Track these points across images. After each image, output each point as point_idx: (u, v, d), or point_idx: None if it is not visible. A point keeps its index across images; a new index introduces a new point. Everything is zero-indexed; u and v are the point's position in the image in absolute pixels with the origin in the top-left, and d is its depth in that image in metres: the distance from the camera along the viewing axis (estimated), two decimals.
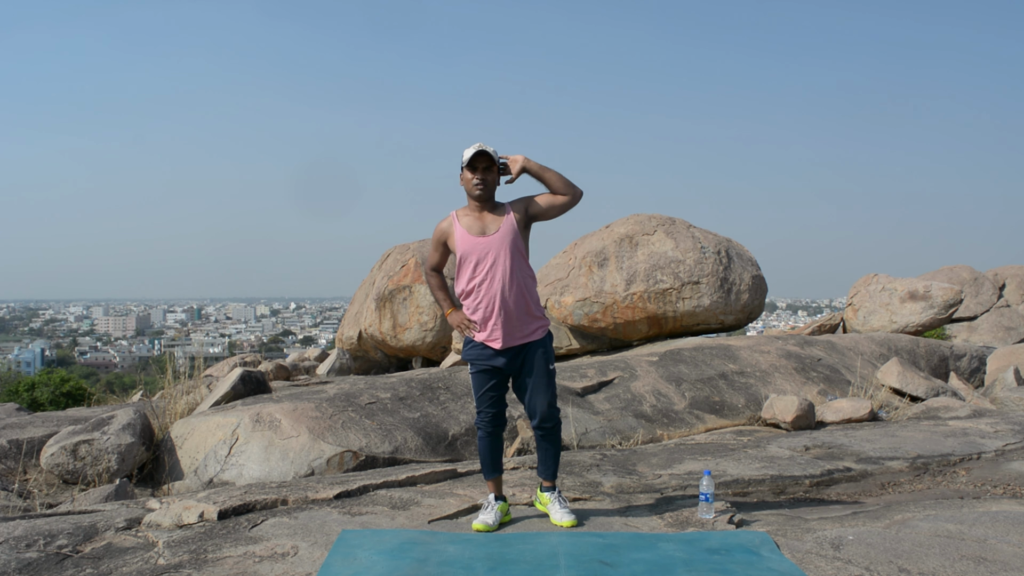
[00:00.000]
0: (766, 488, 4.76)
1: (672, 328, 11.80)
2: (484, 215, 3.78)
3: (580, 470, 4.99)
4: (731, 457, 5.43)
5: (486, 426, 3.83)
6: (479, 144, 3.70)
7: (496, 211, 3.80)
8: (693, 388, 7.85)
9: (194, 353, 10.29)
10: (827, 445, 5.86)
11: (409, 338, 13.83)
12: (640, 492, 4.55)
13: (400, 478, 4.56)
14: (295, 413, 5.88)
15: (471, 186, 3.73)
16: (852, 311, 14.88)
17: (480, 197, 3.74)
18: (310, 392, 6.85)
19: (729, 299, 11.67)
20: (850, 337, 10.75)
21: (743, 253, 12.44)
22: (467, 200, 3.82)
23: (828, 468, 5.14)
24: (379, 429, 5.93)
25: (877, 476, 5.06)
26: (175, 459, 5.82)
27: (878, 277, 15.08)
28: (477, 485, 4.52)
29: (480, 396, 3.83)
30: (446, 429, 6.24)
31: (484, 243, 3.73)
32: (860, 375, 8.86)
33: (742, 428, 7.22)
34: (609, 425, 6.88)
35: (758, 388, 8.04)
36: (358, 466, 5.51)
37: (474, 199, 3.77)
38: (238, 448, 5.60)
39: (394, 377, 7.70)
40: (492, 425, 3.83)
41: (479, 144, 3.70)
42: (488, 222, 3.77)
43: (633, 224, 12.28)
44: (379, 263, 15.74)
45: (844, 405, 7.39)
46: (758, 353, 8.91)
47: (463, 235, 3.76)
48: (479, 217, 3.78)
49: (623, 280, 11.58)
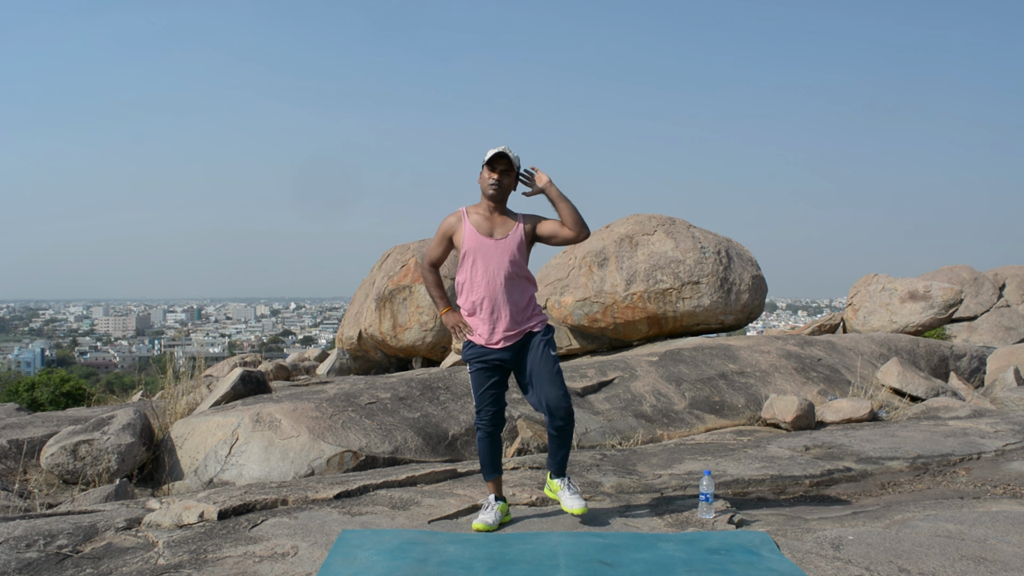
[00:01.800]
0: (766, 488, 4.76)
1: (672, 328, 11.80)
2: (494, 217, 3.83)
3: (580, 470, 4.99)
4: (731, 457, 5.43)
5: (485, 425, 3.83)
6: (503, 147, 3.76)
7: (507, 217, 3.86)
8: (693, 388, 7.85)
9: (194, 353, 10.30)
10: (827, 445, 5.86)
11: (409, 338, 13.83)
12: (640, 492, 4.55)
13: (400, 478, 4.56)
14: (295, 413, 5.88)
15: (486, 184, 3.79)
16: (852, 311, 14.88)
17: (493, 197, 3.80)
18: (310, 392, 6.84)
19: (729, 299, 11.67)
20: (850, 337, 10.75)
21: (743, 253, 12.44)
22: (480, 199, 3.86)
23: (828, 468, 5.14)
24: (379, 429, 5.93)
25: (877, 476, 5.06)
26: (175, 459, 5.82)
27: (878, 277, 15.08)
28: (477, 485, 4.52)
29: (480, 394, 3.83)
30: (446, 429, 6.24)
31: (490, 245, 3.78)
32: (860, 375, 8.86)
33: (742, 428, 7.22)
34: (609, 425, 6.88)
35: (758, 388, 8.04)
36: (358, 466, 5.51)
37: (487, 198, 3.82)
38: (238, 448, 5.60)
39: (394, 377, 7.70)
40: (492, 424, 3.82)
41: (503, 147, 3.76)
42: (497, 225, 3.82)
43: (633, 224, 12.29)
44: (379, 263, 15.75)
45: (844, 405, 7.39)
46: (758, 353, 8.90)
47: (471, 232, 3.80)
48: (489, 218, 3.83)
49: (623, 280, 11.58)
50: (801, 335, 11.44)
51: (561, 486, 3.86)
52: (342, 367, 13.08)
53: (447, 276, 12.07)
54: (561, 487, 3.86)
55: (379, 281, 14.52)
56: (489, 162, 3.77)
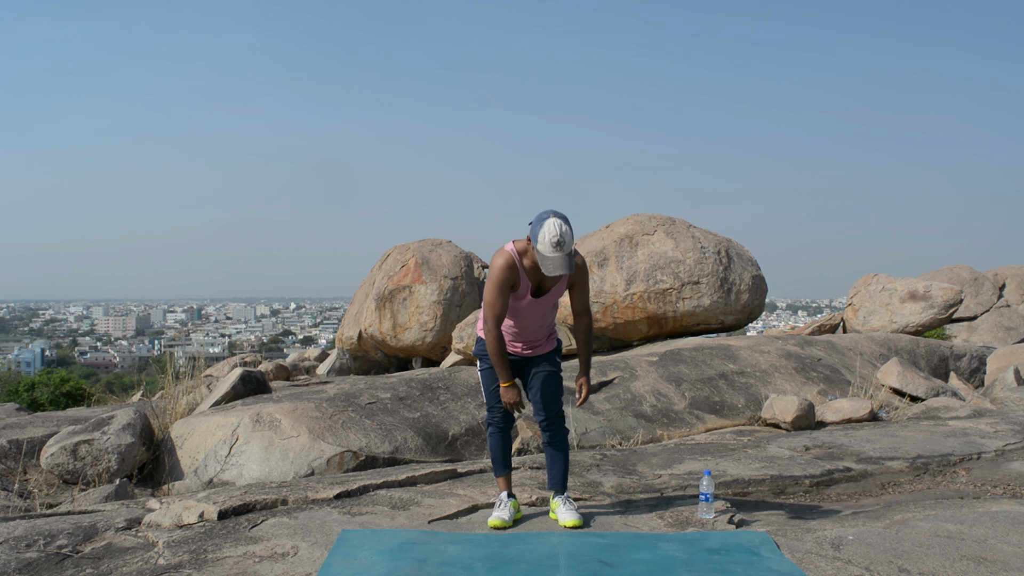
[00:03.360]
0: (766, 488, 4.76)
1: (672, 328, 11.80)
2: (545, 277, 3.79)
3: (580, 470, 4.99)
4: (731, 457, 5.43)
5: (498, 421, 3.94)
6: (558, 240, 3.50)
7: None
8: (693, 388, 7.85)
9: (194, 353, 10.30)
10: (827, 445, 5.86)
11: (409, 338, 13.83)
12: (640, 492, 4.55)
13: (400, 478, 4.56)
14: (295, 413, 5.88)
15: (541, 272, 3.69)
16: (852, 311, 14.88)
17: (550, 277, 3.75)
18: (310, 392, 6.84)
19: (729, 299, 11.67)
20: (850, 337, 10.75)
21: (743, 253, 12.45)
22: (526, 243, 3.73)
23: (828, 468, 5.14)
24: (379, 429, 5.93)
25: (877, 476, 5.06)
26: (175, 459, 5.82)
27: (878, 277, 15.08)
28: (477, 485, 4.52)
29: (491, 391, 3.92)
30: (446, 429, 6.24)
31: (541, 301, 3.82)
32: (860, 375, 8.86)
33: (742, 428, 7.22)
34: (609, 425, 6.88)
35: (758, 388, 8.04)
36: (358, 466, 5.51)
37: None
38: (238, 448, 5.60)
39: (394, 377, 7.70)
40: (504, 420, 3.94)
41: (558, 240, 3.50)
42: (547, 283, 3.80)
43: (633, 224, 12.29)
44: (379, 263, 15.75)
45: (844, 405, 7.39)
46: (758, 353, 8.91)
47: (526, 289, 3.76)
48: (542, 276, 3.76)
49: (623, 280, 11.59)
50: (801, 335, 11.44)
51: (559, 503, 3.87)
52: (342, 367, 13.08)
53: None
54: (559, 504, 3.87)
55: (379, 281, 14.52)
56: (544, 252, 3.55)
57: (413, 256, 14.30)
